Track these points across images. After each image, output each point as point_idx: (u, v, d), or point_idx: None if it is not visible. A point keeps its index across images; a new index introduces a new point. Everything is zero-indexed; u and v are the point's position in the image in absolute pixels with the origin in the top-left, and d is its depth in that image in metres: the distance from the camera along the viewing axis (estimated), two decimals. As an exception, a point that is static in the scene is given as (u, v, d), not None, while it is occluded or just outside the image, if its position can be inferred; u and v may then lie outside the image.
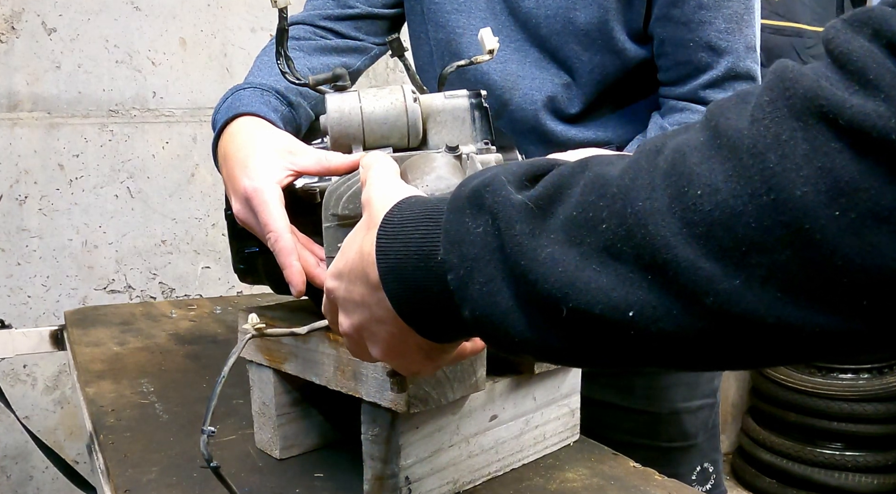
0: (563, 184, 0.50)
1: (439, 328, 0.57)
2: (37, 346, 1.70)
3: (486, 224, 0.51)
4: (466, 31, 1.25)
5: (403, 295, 0.56)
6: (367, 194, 0.63)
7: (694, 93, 1.21)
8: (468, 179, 0.55)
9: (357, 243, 0.61)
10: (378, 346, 0.62)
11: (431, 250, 0.54)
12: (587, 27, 1.18)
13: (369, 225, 0.60)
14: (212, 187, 2.56)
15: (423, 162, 0.67)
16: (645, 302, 0.44)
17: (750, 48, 1.20)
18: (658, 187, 0.44)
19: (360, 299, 0.60)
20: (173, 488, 0.91)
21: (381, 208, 0.59)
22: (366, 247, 0.59)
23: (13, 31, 2.35)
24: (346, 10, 1.29)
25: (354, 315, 0.62)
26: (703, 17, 1.17)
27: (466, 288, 0.51)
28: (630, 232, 0.45)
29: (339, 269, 0.63)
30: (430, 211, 0.56)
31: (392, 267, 0.56)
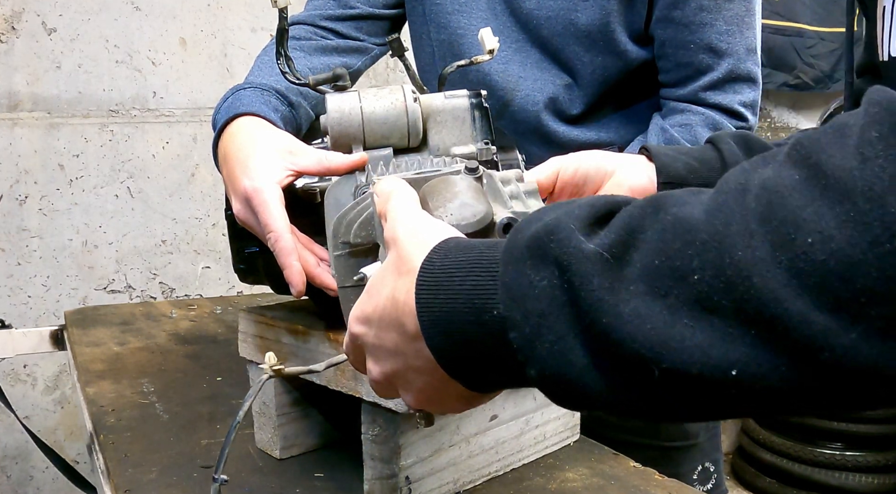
0: (635, 227, 0.46)
1: (491, 381, 0.54)
2: (37, 346, 1.70)
3: (551, 277, 0.47)
4: (468, 32, 1.25)
5: (450, 350, 0.52)
6: (391, 230, 0.58)
7: (694, 94, 1.21)
8: (522, 225, 0.51)
9: (388, 288, 0.56)
10: (412, 394, 0.59)
11: (485, 303, 0.49)
12: (588, 28, 1.19)
13: (400, 269, 0.56)
14: (212, 187, 2.56)
15: (443, 187, 0.64)
16: (749, 359, 0.41)
17: (750, 50, 1.20)
18: (756, 233, 0.41)
19: (394, 347, 0.56)
20: (173, 488, 0.91)
21: (414, 251, 0.55)
22: (400, 294, 0.55)
23: (13, 31, 2.35)
24: (346, 10, 1.29)
25: (387, 363, 0.58)
26: (704, 18, 1.17)
27: (533, 347, 0.47)
28: (730, 284, 0.41)
29: (366, 314, 0.58)
30: (478, 259, 0.51)
31: (436, 321, 0.52)
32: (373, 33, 1.32)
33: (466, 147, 0.89)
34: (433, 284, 0.52)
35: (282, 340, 0.94)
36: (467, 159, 0.86)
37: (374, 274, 0.60)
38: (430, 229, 0.57)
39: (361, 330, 0.59)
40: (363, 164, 0.84)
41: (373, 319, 0.58)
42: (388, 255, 0.58)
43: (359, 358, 0.63)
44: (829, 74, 3.71)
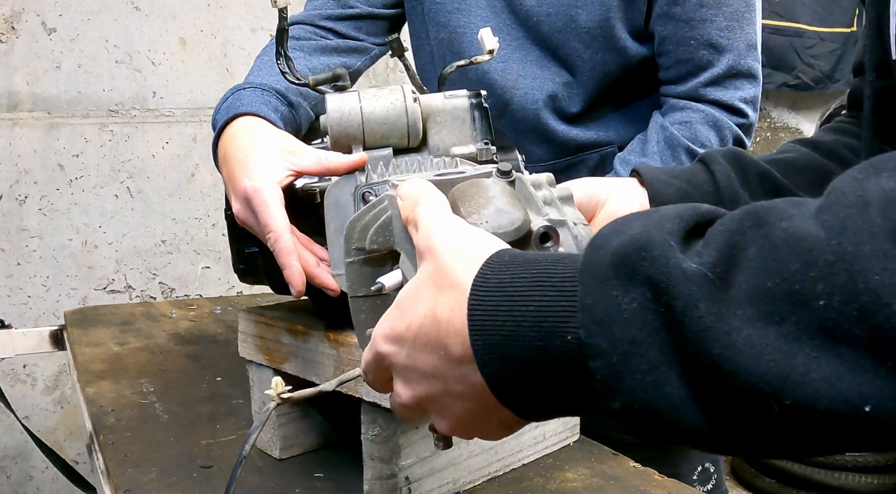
0: (736, 244, 0.41)
1: (549, 411, 0.49)
2: (37, 346, 1.70)
3: (643, 298, 0.42)
4: (467, 31, 1.25)
5: (507, 377, 0.47)
6: (425, 238, 0.53)
7: (694, 91, 1.21)
8: (600, 239, 0.45)
9: (425, 305, 0.51)
10: (447, 421, 0.54)
11: (555, 327, 0.44)
12: (588, 25, 1.19)
13: (440, 283, 0.50)
14: (212, 187, 2.56)
15: (475, 191, 0.59)
16: (884, 394, 0.37)
17: (751, 46, 1.21)
18: (891, 254, 0.37)
19: (432, 370, 0.51)
20: (173, 488, 0.91)
21: (457, 263, 0.50)
22: (442, 312, 0.50)
23: (13, 31, 2.35)
24: (346, 10, 1.29)
25: (420, 387, 0.53)
26: (704, 15, 1.17)
27: (620, 378, 0.42)
28: (865, 312, 0.37)
29: (398, 332, 0.53)
30: (546, 277, 0.46)
31: (493, 345, 0.46)
32: (372, 33, 1.32)
33: (466, 147, 0.89)
34: (489, 304, 0.47)
35: (282, 340, 0.94)
36: (468, 159, 0.86)
37: (404, 288, 0.55)
38: (473, 239, 0.52)
39: (390, 350, 0.54)
40: (363, 164, 0.84)
41: (406, 338, 0.52)
42: (423, 266, 0.53)
43: (381, 378, 0.58)
44: (828, 74, 3.71)
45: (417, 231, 0.55)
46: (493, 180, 0.60)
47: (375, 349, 0.55)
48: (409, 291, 0.53)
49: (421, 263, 0.53)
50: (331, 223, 0.83)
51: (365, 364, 0.58)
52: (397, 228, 0.61)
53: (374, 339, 0.56)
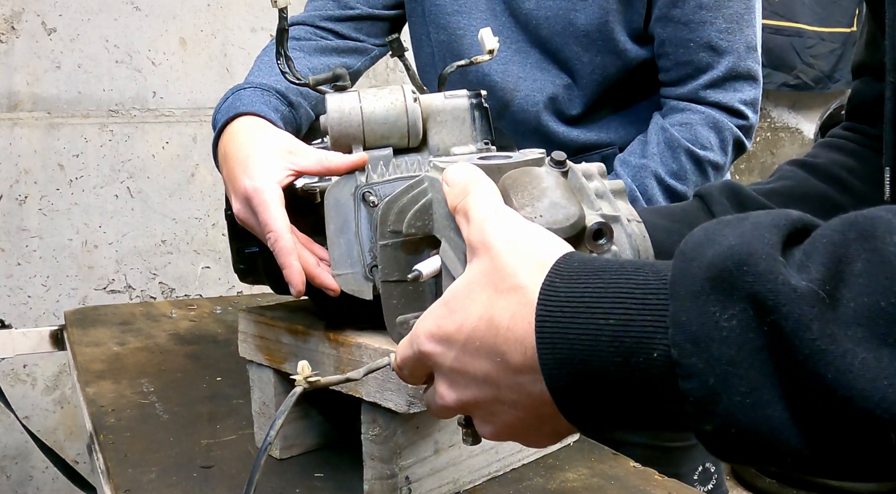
0: (840, 257, 0.38)
1: (622, 426, 0.46)
2: (37, 346, 1.70)
3: (743, 315, 0.39)
4: (467, 33, 1.26)
5: (576, 392, 0.44)
6: (479, 233, 0.50)
7: (695, 93, 1.21)
8: (690, 248, 0.42)
9: (480, 306, 0.48)
10: (493, 426, 0.51)
11: (639, 343, 0.41)
12: (587, 28, 1.19)
13: (498, 285, 0.47)
14: (212, 187, 2.56)
15: (528, 181, 0.55)
16: None
17: (751, 48, 1.21)
18: None
19: (483, 376, 0.48)
20: (173, 488, 0.91)
21: (519, 265, 0.47)
22: (500, 317, 0.47)
23: (13, 31, 2.35)
24: (346, 11, 1.30)
25: (468, 391, 0.50)
26: (704, 17, 1.17)
27: (717, 399, 0.40)
28: None
29: (447, 332, 0.50)
30: (625, 287, 0.43)
31: (564, 360, 0.44)
32: (373, 34, 1.32)
33: (466, 147, 0.89)
34: (560, 315, 0.44)
35: (282, 340, 0.94)
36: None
37: (455, 285, 0.51)
38: (534, 238, 0.49)
39: (436, 350, 0.51)
40: (363, 164, 0.84)
41: (455, 339, 0.49)
42: (476, 263, 0.49)
43: (418, 374, 0.55)
44: (828, 74, 3.72)
45: (469, 223, 0.51)
46: (546, 170, 0.57)
47: (418, 346, 0.52)
48: (459, 288, 0.50)
49: (473, 258, 0.50)
50: (331, 223, 0.83)
51: (402, 359, 0.55)
52: (439, 213, 0.58)
53: (416, 336, 0.52)
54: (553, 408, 0.46)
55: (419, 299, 0.61)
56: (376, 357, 0.83)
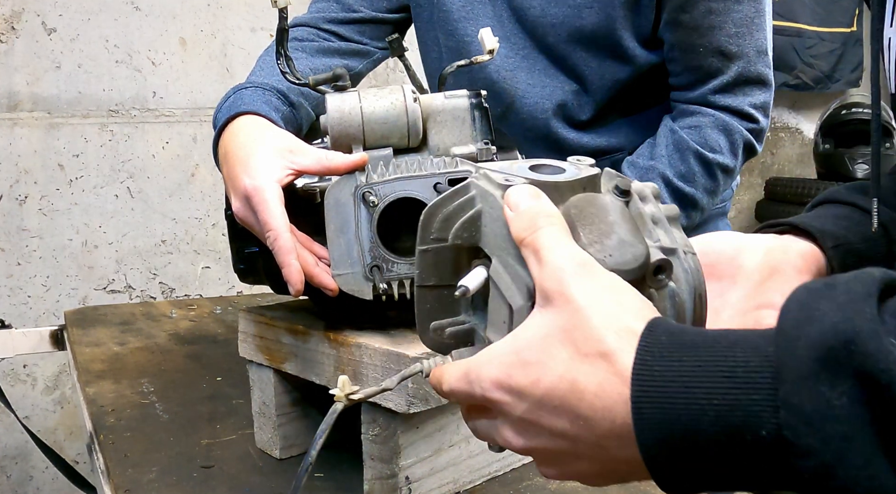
0: None
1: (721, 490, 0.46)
2: (37, 346, 1.70)
3: (853, 392, 0.40)
4: (474, 40, 1.26)
5: (677, 468, 0.44)
6: (556, 282, 0.48)
7: (704, 97, 1.20)
8: (794, 326, 0.42)
9: (561, 367, 0.47)
10: (559, 470, 0.51)
11: (745, 422, 0.41)
12: (594, 34, 1.18)
13: (582, 348, 0.46)
14: (212, 187, 2.56)
15: (595, 213, 0.53)
16: None
17: (761, 52, 1.20)
18: None
19: (560, 433, 0.48)
20: (173, 488, 0.91)
21: (606, 330, 0.46)
22: (586, 384, 0.46)
23: (13, 31, 2.35)
24: (349, 13, 1.29)
25: (538, 440, 0.50)
26: (713, 21, 1.16)
27: (833, 475, 0.40)
28: None
29: (519, 385, 0.48)
30: (724, 366, 0.43)
31: (665, 439, 0.43)
32: (375, 37, 1.32)
33: (466, 147, 0.89)
34: (658, 395, 0.44)
35: (282, 340, 0.94)
36: (468, 159, 0.86)
37: (525, 334, 0.49)
38: (617, 299, 0.48)
39: (504, 399, 0.50)
40: (363, 164, 0.84)
41: (529, 394, 0.48)
42: (552, 314, 0.48)
43: (472, 412, 0.54)
44: (828, 74, 3.72)
45: (541, 266, 0.50)
46: (611, 199, 0.55)
47: (483, 392, 0.51)
48: (534, 340, 0.49)
49: (548, 307, 0.49)
50: (331, 223, 0.83)
51: (453, 391, 0.54)
52: (493, 231, 0.55)
53: (479, 379, 0.51)
54: (634, 468, 0.46)
55: (452, 305, 0.60)
56: (376, 358, 0.83)
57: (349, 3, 1.30)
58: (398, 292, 0.84)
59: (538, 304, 0.50)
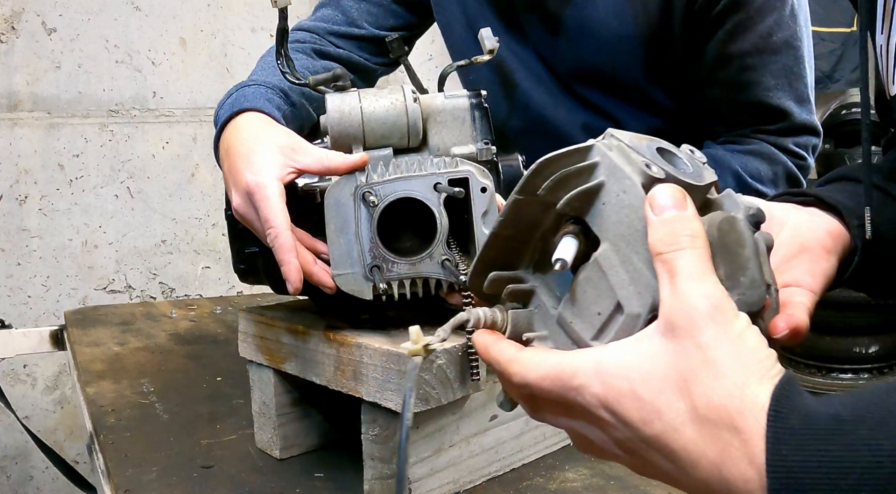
0: None
1: None
2: (37, 346, 1.70)
3: None
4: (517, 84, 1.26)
5: None
6: (688, 320, 0.46)
7: (749, 134, 1.19)
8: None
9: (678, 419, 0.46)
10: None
11: None
12: (626, 85, 1.17)
13: (698, 404, 0.45)
14: (212, 187, 2.56)
15: (734, 241, 0.51)
16: None
17: (803, 101, 1.17)
18: None
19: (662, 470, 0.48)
20: (173, 488, 0.91)
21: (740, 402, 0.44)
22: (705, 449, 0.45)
23: (13, 31, 2.35)
24: (353, 29, 1.27)
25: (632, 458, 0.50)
26: (749, 77, 1.14)
27: None
28: None
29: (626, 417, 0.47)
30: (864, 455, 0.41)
31: None
32: (376, 54, 1.31)
33: (466, 147, 0.89)
34: (799, 487, 0.42)
35: (282, 340, 0.94)
36: (468, 159, 0.86)
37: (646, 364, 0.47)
38: (748, 355, 0.46)
39: (607, 418, 0.48)
40: (364, 164, 0.84)
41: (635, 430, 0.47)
42: (674, 352, 0.46)
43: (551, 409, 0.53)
44: (829, 73, 3.72)
45: (674, 292, 0.47)
46: (746, 228, 0.52)
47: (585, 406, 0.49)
48: (651, 378, 0.47)
49: (671, 339, 0.47)
50: (331, 223, 0.83)
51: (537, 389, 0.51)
52: (617, 217, 0.51)
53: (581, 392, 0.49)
54: None
55: (515, 259, 0.57)
56: (376, 358, 0.83)
57: (353, 17, 1.28)
58: (398, 293, 0.84)
59: (661, 330, 0.47)
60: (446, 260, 0.82)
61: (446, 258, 0.82)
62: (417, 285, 0.84)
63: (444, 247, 0.83)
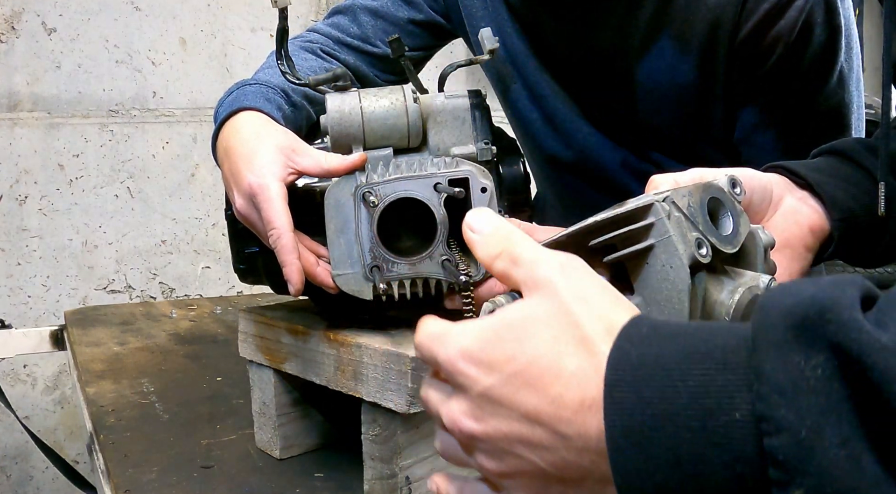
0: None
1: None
2: (37, 346, 1.70)
3: (828, 365, 0.37)
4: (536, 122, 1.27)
5: (641, 466, 0.41)
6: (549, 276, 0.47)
7: None
8: (770, 300, 0.41)
9: (543, 345, 0.45)
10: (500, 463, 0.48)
11: (719, 404, 0.39)
12: (670, 138, 1.17)
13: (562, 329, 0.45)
14: (212, 187, 2.56)
15: None
16: None
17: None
18: None
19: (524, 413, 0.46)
20: (173, 488, 0.91)
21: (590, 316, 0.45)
22: (567, 364, 0.44)
23: (13, 31, 2.35)
24: (366, 45, 1.25)
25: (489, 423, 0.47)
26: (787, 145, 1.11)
27: (811, 455, 0.37)
28: None
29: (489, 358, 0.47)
30: (702, 348, 0.41)
31: (631, 428, 0.41)
32: (387, 72, 1.29)
33: (466, 147, 0.89)
34: (632, 379, 0.42)
35: (282, 340, 0.94)
36: (468, 159, 0.86)
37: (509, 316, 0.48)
38: (609, 295, 0.47)
39: (467, 370, 0.47)
40: (362, 163, 0.84)
41: (500, 369, 0.46)
42: (537, 298, 0.47)
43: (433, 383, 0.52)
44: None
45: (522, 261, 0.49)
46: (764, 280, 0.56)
47: (448, 359, 0.48)
48: (514, 320, 0.47)
49: (533, 293, 0.48)
50: (331, 223, 0.83)
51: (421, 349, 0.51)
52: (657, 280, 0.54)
53: (447, 345, 0.49)
54: (595, 465, 0.44)
55: None
56: (376, 358, 0.83)
57: (368, 34, 1.25)
58: (398, 293, 0.84)
59: (525, 293, 0.49)
60: (446, 260, 0.82)
61: (446, 259, 0.82)
62: (417, 286, 0.84)
63: (445, 247, 0.83)
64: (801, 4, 1.00)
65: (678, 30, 1.07)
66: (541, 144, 1.27)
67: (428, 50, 1.33)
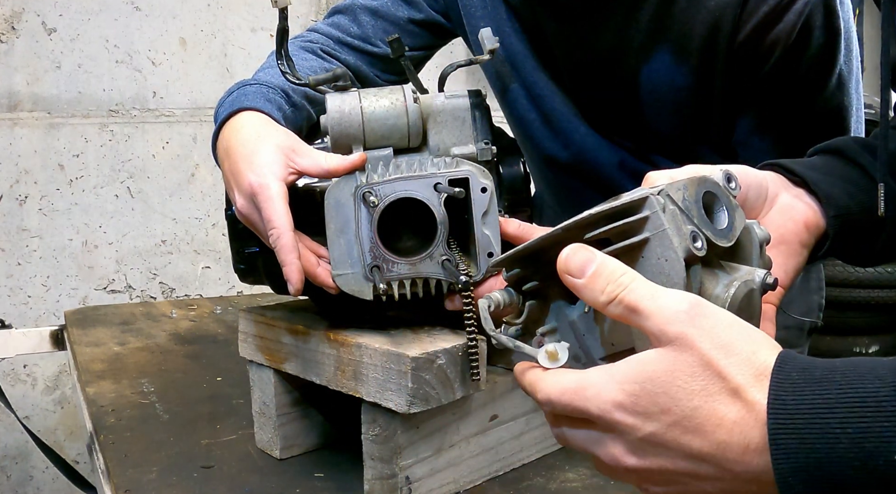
0: None
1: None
2: (37, 346, 1.70)
3: None
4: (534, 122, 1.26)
5: None
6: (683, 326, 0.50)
7: None
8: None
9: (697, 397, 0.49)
10: (672, 489, 0.53)
11: (878, 447, 0.45)
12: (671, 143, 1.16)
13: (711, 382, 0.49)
14: (212, 187, 2.56)
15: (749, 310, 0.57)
16: None
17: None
18: None
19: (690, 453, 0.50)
20: (173, 488, 0.91)
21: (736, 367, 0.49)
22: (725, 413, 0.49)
23: (13, 31, 2.35)
24: (366, 45, 1.25)
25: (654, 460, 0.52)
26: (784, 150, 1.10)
27: None
28: None
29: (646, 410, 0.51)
30: (855, 396, 0.46)
31: (800, 468, 0.47)
32: (387, 71, 1.29)
33: (466, 147, 0.89)
34: (794, 425, 0.47)
35: (282, 340, 0.94)
36: (468, 159, 0.86)
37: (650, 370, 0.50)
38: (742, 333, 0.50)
39: (624, 420, 0.51)
40: (362, 163, 0.84)
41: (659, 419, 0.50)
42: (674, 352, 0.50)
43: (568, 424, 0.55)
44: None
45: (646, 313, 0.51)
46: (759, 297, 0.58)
47: (601, 413, 0.52)
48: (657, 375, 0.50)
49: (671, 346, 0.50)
50: (331, 223, 0.83)
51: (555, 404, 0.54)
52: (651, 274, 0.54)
53: (597, 399, 0.52)
54: (761, 488, 0.49)
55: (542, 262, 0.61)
56: (376, 358, 0.83)
57: (368, 34, 1.25)
58: (398, 293, 0.84)
59: (659, 346, 0.51)
60: (446, 260, 0.82)
61: (446, 259, 0.82)
62: (417, 286, 0.84)
63: (445, 247, 0.83)
64: (800, 7, 1.00)
65: (678, 32, 1.07)
66: (538, 144, 1.27)
67: (428, 49, 1.33)
